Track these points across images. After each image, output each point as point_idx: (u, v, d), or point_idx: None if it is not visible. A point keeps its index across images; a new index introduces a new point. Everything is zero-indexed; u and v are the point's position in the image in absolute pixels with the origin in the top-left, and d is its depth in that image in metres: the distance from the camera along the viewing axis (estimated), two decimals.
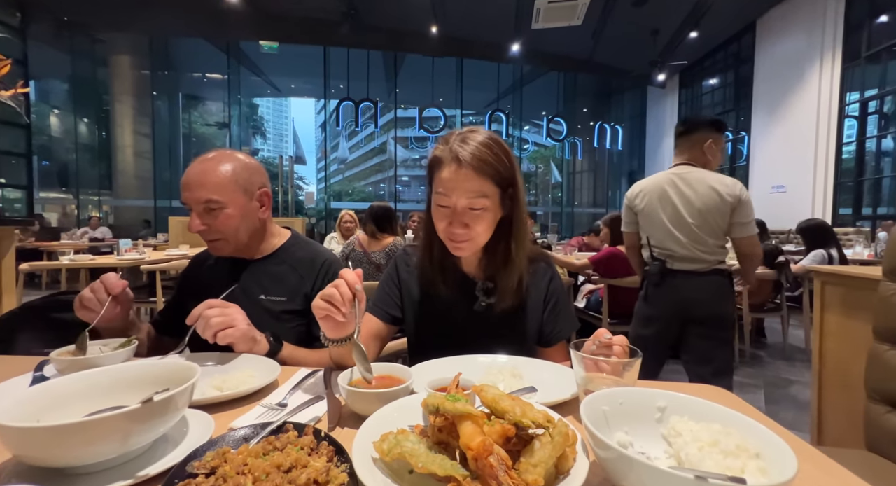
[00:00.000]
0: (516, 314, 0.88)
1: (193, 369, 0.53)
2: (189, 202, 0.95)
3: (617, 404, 0.46)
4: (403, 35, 9.39)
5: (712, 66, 10.00)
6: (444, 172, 0.77)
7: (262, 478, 0.37)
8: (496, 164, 0.76)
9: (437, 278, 0.88)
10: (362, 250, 2.58)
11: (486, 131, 0.80)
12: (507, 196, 0.81)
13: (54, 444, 0.40)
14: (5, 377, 0.73)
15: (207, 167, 0.95)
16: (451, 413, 0.40)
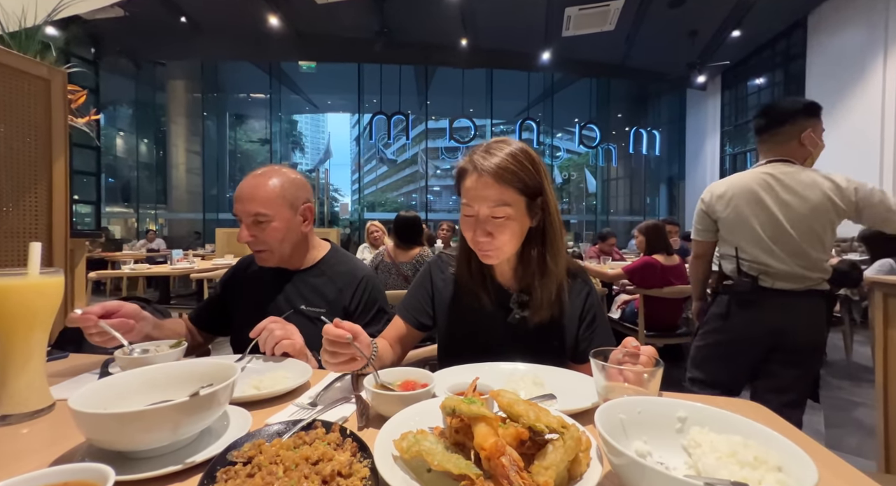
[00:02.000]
0: (550, 329, 0.87)
1: (234, 369, 0.58)
2: (240, 214, 1.02)
3: (635, 412, 0.46)
4: (434, 49, 9.63)
5: (758, 66, 9.48)
6: (468, 181, 0.80)
7: (292, 468, 0.41)
8: (519, 172, 0.77)
9: (473, 288, 0.89)
10: (391, 261, 2.63)
11: (516, 142, 0.81)
12: (535, 205, 0.81)
13: (117, 429, 0.46)
14: (78, 372, 0.82)
15: (258, 182, 1.01)
16: (466, 415, 0.42)
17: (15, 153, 1.28)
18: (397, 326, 0.94)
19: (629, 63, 9.98)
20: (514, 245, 0.82)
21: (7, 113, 1.26)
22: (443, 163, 18.54)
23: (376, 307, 1.11)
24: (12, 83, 1.27)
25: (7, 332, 0.60)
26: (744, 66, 9.73)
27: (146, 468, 0.46)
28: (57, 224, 1.38)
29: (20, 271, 0.62)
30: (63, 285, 0.67)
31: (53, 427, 0.59)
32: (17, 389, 0.60)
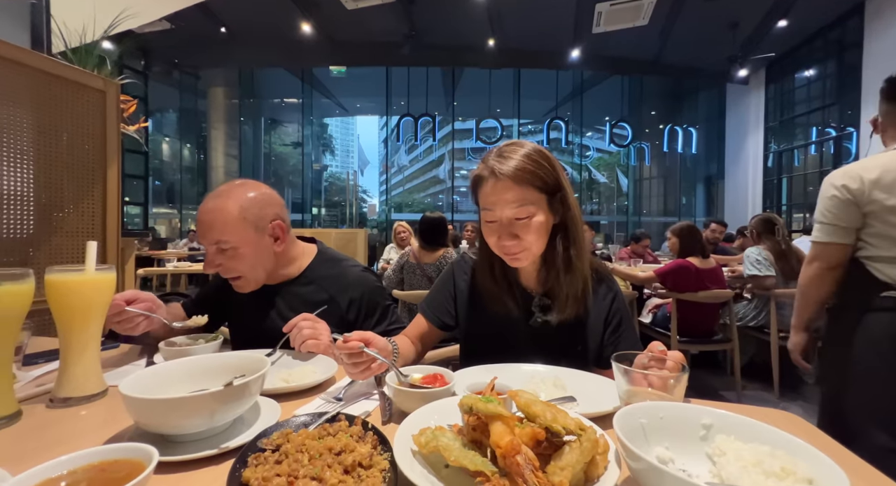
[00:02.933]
0: (574, 332, 0.85)
1: (265, 362, 0.61)
2: (203, 243, 0.95)
3: (657, 417, 0.45)
4: (461, 50, 9.66)
5: (808, 57, 8.86)
6: (486, 187, 0.79)
7: (317, 457, 0.43)
8: (536, 170, 0.77)
9: (497, 294, 0.88)
10: (416, 262, 2.66)
11: (527, 143, 0.81)
12: (555, 201, 0.81)
13: (161, 413, 0.50)
14: (128, 361, 0.89)
15: (215, 206, 0.92)
16: (483, 413, 0.43)
17: (75, 159, 1.40)
18: (419, 324, 0.95)
19: (664, 59, 9.61)
20: (541, 244, 0.82)
21: (69, 122, 1.38)
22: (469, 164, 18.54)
23: (379, 308, 1.07)
24: (73, 95, 1.39)
25: (67, 324, 0.66)
26: (791, 58, 9.13)
27: (185, 452, 0.49)
28: (110, 224, 1.49)
29: (78, 267, 0.69)
30: (115, 282, 0.73)
31: (106, 410, 0.64)
32: (75, 375, 0.66)
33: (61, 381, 0.65)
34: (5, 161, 1.22)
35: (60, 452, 0.52)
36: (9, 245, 1.23)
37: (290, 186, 16.41)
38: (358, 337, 0.69)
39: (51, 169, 1.33)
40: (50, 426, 0.59)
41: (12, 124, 1.23)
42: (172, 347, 0.85)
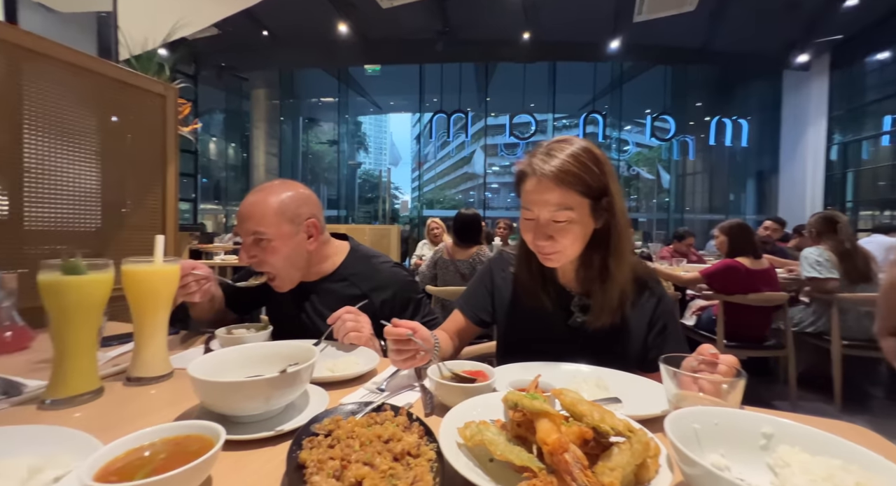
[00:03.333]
0: (615, 335, 0.83)
1: (314, 351, 0.64)
2: (241, 234, 1.00)
3: (711, 423, 0.43)
4: (495, 45, 9.55)
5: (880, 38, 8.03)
6: (527, 185, 0.79)
7: (367, 443, 0.45)
8: (582, 174, 0.75)
9: (533, 289, 0.88)
10: (449, 258, 2.67)
11: (578, 141, 0.79)
12: (599, 207, 0.78)
13: (223, 395, 0.54)
14: (187, 347, 0.96)
15: (257, 199, 0.98)
16: (528, 410, 0.43)
17: (139, 159, 1.52)
18: (456, 319, 0.97)
19: (713, 46, 9.04)
20: (576, 248, 0.80)
21: (134, 125, 1.50)
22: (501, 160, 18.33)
23: (412, 302, 1.10)
24: (137, 99, 1.50)
25: (139, 311, 0.72)
26: (861, 40, 8.30)
27: (245, 432, 0.53)
28: (169, 220, 1.61)
29: (148, 259, 0.75)
30: (179, 273, 0.79)
31: (172, 390, 0.70)
32: (146, 357, 0.72)
33: (135, 363, 0.72)
34: (79, 161, 1.34)
35: (138, 425, 0.57)
36: (82, 238, 1.36)
37: (326, 183, 16.95)
38: (406, 325, 0.71)
39: (117, 168, 1.45)
40: (127, 401, 0.65)
41: (84, 127, 1.35)
42: (228, 335, 0.91)
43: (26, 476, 0.41)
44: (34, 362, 0.84)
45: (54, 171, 1.28)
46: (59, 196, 1.29)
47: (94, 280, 0.63)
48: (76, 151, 1.33)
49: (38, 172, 1.24)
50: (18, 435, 0.48)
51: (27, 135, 1.21)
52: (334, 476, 0.40)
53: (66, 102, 1.29)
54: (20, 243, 1.20)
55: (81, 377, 0.64)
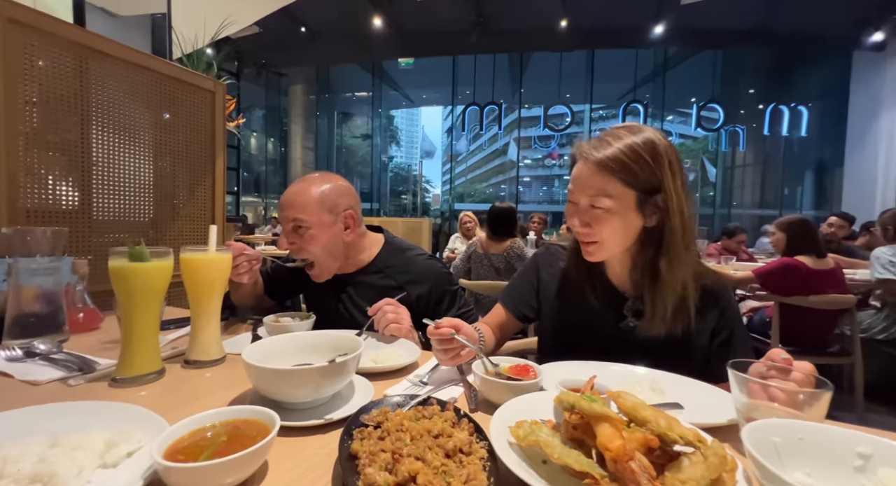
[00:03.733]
0: (673, 343, 0.77)
1: (359, 343, 0.65)
2: (282, 221, 1.03)
3: (794, 438, 0.39)
4: (531, 35, 9.29)
5: None
6: (574, 169, 0.77)
7: (418, 438, 0.44)
8: (630, 163, 0.70)
9: (582, 284, 0.84)
10: (483, 252, 2.65)
11: (647, 131, 0.73)
12: (650, 203, 0.73)
13: (276, 381, 0.55)
14: (235, 333, 1.00)
15: (299, 188, 1.02)
16: (587, 413, 0.41)
17: (192, 153, 1.60)
18: (499, 313, 0.95)
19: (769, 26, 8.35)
20: (618, 242, 0.76)
21: (186, 120, 1.57)
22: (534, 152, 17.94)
23: (448, 294, 1.10)
24: (189, 95, 1.58)
25: (196, 297, 0.76)
26: None
27: (296, 419, 0.54)
28: (217, 211, 1.69)
29: (203, 248, 0.78)
30: (231, 262, 0.82)
31: (225, 374, 0.73)
32: (202, 341, 0.76)
33: (192, 346, 0.76)
34: (137, 155, 1.42)
35: (197, 406, 0.60)
36: (141, 227, 1.45)
37: (359, 176, 17.29)
38: (448, 324, 0.70)
39: (171, 161, 1.53)
40: (185, 383, 0.69)
41: (141, 123, 1.43)
42: (275, 323, 0.94)
43: (103, 450, 0.43)
44: (103, 342, 0.91)
45: (117, 164, 1.37)
46: (122, 188, 1.38)
47: (156, 267, 0.67)
48: (135, 146, 1.41)
49: (104, 166, 1.33)
50: (96, 410, 0.51)
51: (94, 131, 1.29)
52: (387, 469, 0.40)
53: (126, 99, 1.37)
54: (89, 232, 1.29)
55: (146, 358, 0.68)
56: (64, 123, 1.22)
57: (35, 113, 1.16)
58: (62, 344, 0.84)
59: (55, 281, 0.89)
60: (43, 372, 0.70)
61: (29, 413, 0.50)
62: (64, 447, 0.42)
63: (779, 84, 10.76)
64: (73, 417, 0.49)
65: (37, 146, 1.16)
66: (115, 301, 0.90)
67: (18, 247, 0.84)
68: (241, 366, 0.76)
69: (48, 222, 1.19)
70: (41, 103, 1.16)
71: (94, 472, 0.42)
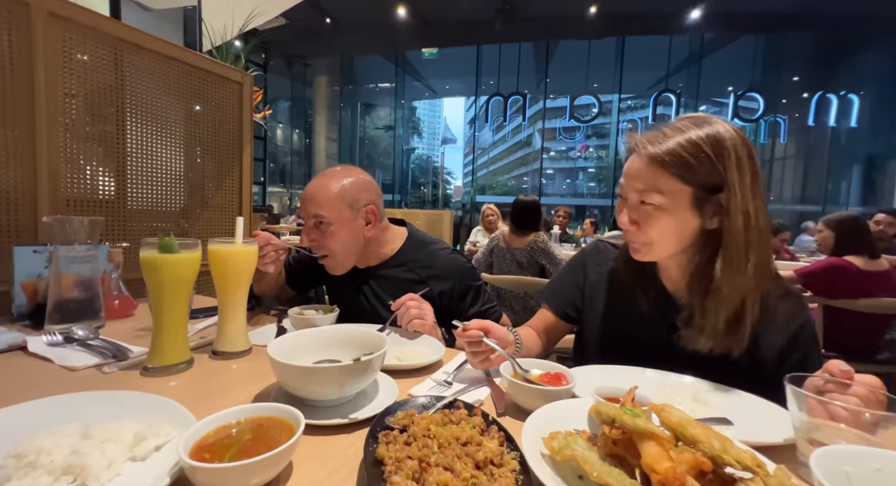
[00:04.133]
0: (727, 359, 0.67)
1: (384, 340, 0.63)
2: (303, 216, 1.02)
3: (871, 468, 0.35)
4: (558, 22, 9.01)
5: None
6: (627, 161, 0.72)
7: (446, 445, 0.42)
8: (688, 157, 0.64)
9: (632, 287, 0.78)
10: (505, 246, 2.59)
11: (716, 123, 0.66)
12: (710, 202, 0.65)
13: (301, 378, 0.54)
14: (259, 324, 1.01)
15: (321, 183, 1.00)
16: (630, 429, 0.37)
17: (220, 144, 1.62)
18: (544, 316, 0.90)
19: (817, 8, 7.77)
20: (669, 243, 0.69)
21: (215, 111, 1.59)
22: (558, 144, 17.53)
23: (472, 290, 1.08)
24: (217, 87, 1.59)
25: (223, 288, 0.76)
26: None
27: (320, 417, 0.53)
28: (245, 201, 1.71)
29: (229, 240, 0.78)
30: (257, 254, 0.82)
31: (251, 367, 0.73)
32: (228, 332, 0.76)
33: (219, 337, 0.76)
34: (169, 146, 1.45)
35: (224, 399, 0.60)
36: (173, 217, 1.49)
37: (381, 167, 17.40)
38: (477, 326, 0.68)
39: (201, 152, 1.56)
40: (212, 374, 0.69)
41: (172, 114, 1.46)
42: (299, 315, 0.94)
43: (132, 442, 0.43)
44: (137, 329, 0.93)
45: (150, 155, 1.40)
46: (155, 178, 1.42)
47: (185, 258, 0.67)
48: (167, 137, 1.44)
49: (138, 157, 1.37)
50: (127, 400, 0.52)
51: (129, 123, 1.33)
52: (414, 478, 0.38)
53: (158, 91, 1.40)
54: (124, 220, 1.33)
55: (175, 348, 0.69)
56: (101, 115, 1.26)
57: (74, 105, 1.19)
58: (98, 330, 0.86)
59: (92, 269, 0.92)
60: (80, 358, 0.72)
61: (64, 401, 0.51)
62: (95, 438, 0.43)
63: (826, 71, 10.03)
64: (105, 406, 0.50)
65: (76, 138, 1.20)
66: (147, 290, 0.94)
67: (58, 235, 0.87)
68: (265, 358, 0.77)
69: (86, 211, 1.23)
70: (80, 96, 1.20)
71: (123, 465, 0.42)
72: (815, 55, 10.24)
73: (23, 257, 0.96)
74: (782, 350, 0.69)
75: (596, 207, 15.23)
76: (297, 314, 0.93)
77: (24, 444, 0.40)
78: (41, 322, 0.87)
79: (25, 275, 0.95)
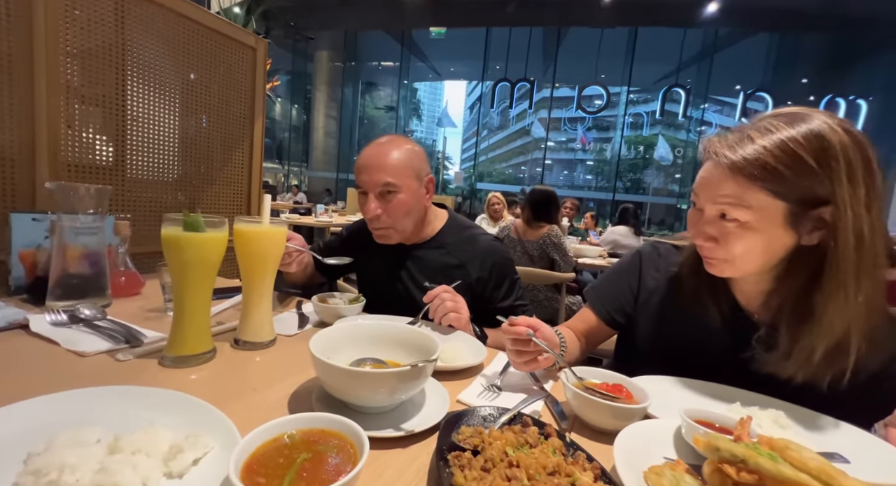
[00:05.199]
0: (808, 385, 0.60)
1: (434, 341, 0.57)
2: (366, 185, 0.94)
3: None
4: (572, 7, 8.76)
5: None
6: (703, 168, 0.62)
7: (536, 477, 0.37)
8: (783, 168, 0.53)
9: (701, 298, 0.69)
10: (517, 237, 2.52)
11: (815, 117, 0.55)
12: (808, 217, 0.55)
13: (346, 382, 0.48)
14: (281, 310, 0.94)
15: (385, 150, 0.94)
16: (771, 475, 0.32)
17: (231, 113, 1.52)
18: (586, 317, 0.83)
19: (837, 8, 7.63)
20: (754, 262, 0.60)
21: (226, 77, 1.48)
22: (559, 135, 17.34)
23: (507, 280, 1.03)
24: (231, 51, 1.48)
25: (249, 272, 0.69)
26: None
27: (368, 426, 0.47)
28: (255, 176, 1.62)
29: (256, 219, 0.70)
30: (285, 235, 0.75)
31: (277, 360, 0.67)
32: (254, 321, 0.70)
33: (244, 326, 0.70)
34: (174, 112, 1.35)
35: (256, 399, 0.54)
36: (175, 186, 1.39)
37: None
38: (525, 323, 0.62)
39: (209, 121, 1.45)
40: (238, 368, 0.63)
41: (180, 78, 1.35)
42: (322, 303, 0.87)
43: (168, 455, 0.37)
44: (146, 310, 0.86)
45: (154, 121, 1.30)
46: (158, 146, 1.32)
47: (212, 238, 0.60)
48: (171, 102, 1.34)
49: (140, 122, 1.26)
50: (156, 400, 0.46)
51: (130, 85, 1.22)
52: None
53: (164, 52, 1.28)
54: (123, 189, 1.24)
55: (198, 337, 0.62)
56: (101, 76, 1.15)
57: (74, 65, 1.08)
58: (105, 310, 0.79)
59: (98, 241, 0.84)
60: (89, 342, 0.65)
61: (84, 398, 0.44)
62: (125, 451, 0.36)
63: (837, 74, 9.95)
64: (132, 406, 0.44)
65: (76, 99, 1.10)
66: (159, 267, 0.86)
67: (62, 203, 0.78)
68: (292, 350, 0.71)
69: (84, 178, 1.13)
70: (79, 55, 1.09)
71: (158, 482, 0.36)
72: (826, 58, 10.14)
73: (21, 224, 0.87)
74: (879, 372, 0.61)
75: (592, 200, 15.20)
76: (321, 302, 0.86)
77: (43, 457, 0.34)
78: (41, 297, 0.80)
79: (24, 245, 0.87)
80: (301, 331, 0.81)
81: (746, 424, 0.40)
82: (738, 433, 0.39)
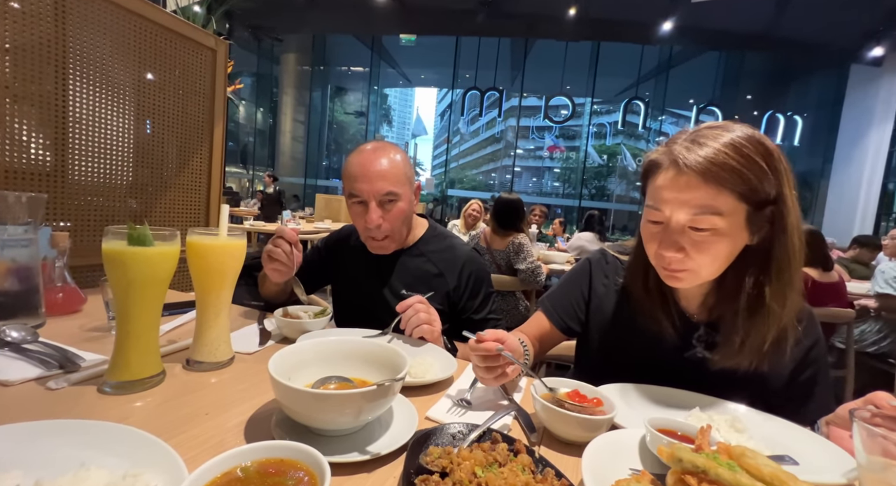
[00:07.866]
0: (745, 377, 0.66)
1: (403, 357, 0.55)
2: (366, 194, 0.90)
3: None
4: (539, 20, 9.04)
5: None
6: (659, 178, 0.60)
7: None
8: (744, 169, 0.55)
9: (646, 306, 0.72)
10: (486, 246, 2.54)
11: (740, 127, 0.59)
12: (760, 217, 0.58)
13: (309, 405, 0.46)
14: (240, 326, 0.89)
15: (382, 158, 0.91)
16: (729, 484, 0.33)
17: (188, 117, 1.44)
18: (540, 323, 0.84)
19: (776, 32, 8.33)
20: (715, 268, 0.62)
21: (183, 79, 1.41)
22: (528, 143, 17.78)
23: (483, 292, 1.03)
24: (188, 52, 1.40)
25: (204, 288, 0.65)
26: None
27: (332, 450, 0.45)
28: (214, 182, 1.54)
29: (213, 231, 0.66)
30: (245, 248, 0.71)
31: (235, 380, 0.63)
32: (209, 340, 0.65)
33: (197, 345, 0.65)
34: (124, 114, 1.26)
35: (209, 426, 0.50)
36: (122, 192, 1.29)
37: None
38: (492, 337, 0.61)
39: (165, 124, 1.37)
40: (189, 391, 0.58)
41: (131, 78, 1.26)
42: (284, 317, 0.83)
43: None
44: (87, 329, 0.79)
45: (100, 123, 1.21)
46: (105, 150, 1.23)
47: (161, 253, 0.56)
48: (121, 104, 1.25)
49: (85, 124, 1.17)
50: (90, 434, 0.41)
51: (73, 84, 1.13)
52: None
53: (112, 50, 1.20)
54: (63, 196, 1.14)
55: (144, 360, 0.57)
56: (36, 73, 1.05)
57: (5, 60, 0.99)
58: (37, 330, 0.72)
59: (30, 254, 0.77)
60: (15, 369, 0.58)
61: (3, 434, 0.39)
62: None
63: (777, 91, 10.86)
64: (59, 443, 0.39)
65: (8, 98, 1.00)
66: (101, 282, 0.79)
67: None
68: (251, 370, 0.67)
69: (16, 184, 1.03)
70: (11, 50, 1.00)
71: None
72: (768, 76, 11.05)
73: None
74: (796, 367, 0.68)
75: (560, 207, 15.65)
76: (284, 316, 0.82)
77: None
78: None
79: None
80: (262, 348, 0.77)
81: (706, 432, 0.41)
82: (699, 443, 0.40)
